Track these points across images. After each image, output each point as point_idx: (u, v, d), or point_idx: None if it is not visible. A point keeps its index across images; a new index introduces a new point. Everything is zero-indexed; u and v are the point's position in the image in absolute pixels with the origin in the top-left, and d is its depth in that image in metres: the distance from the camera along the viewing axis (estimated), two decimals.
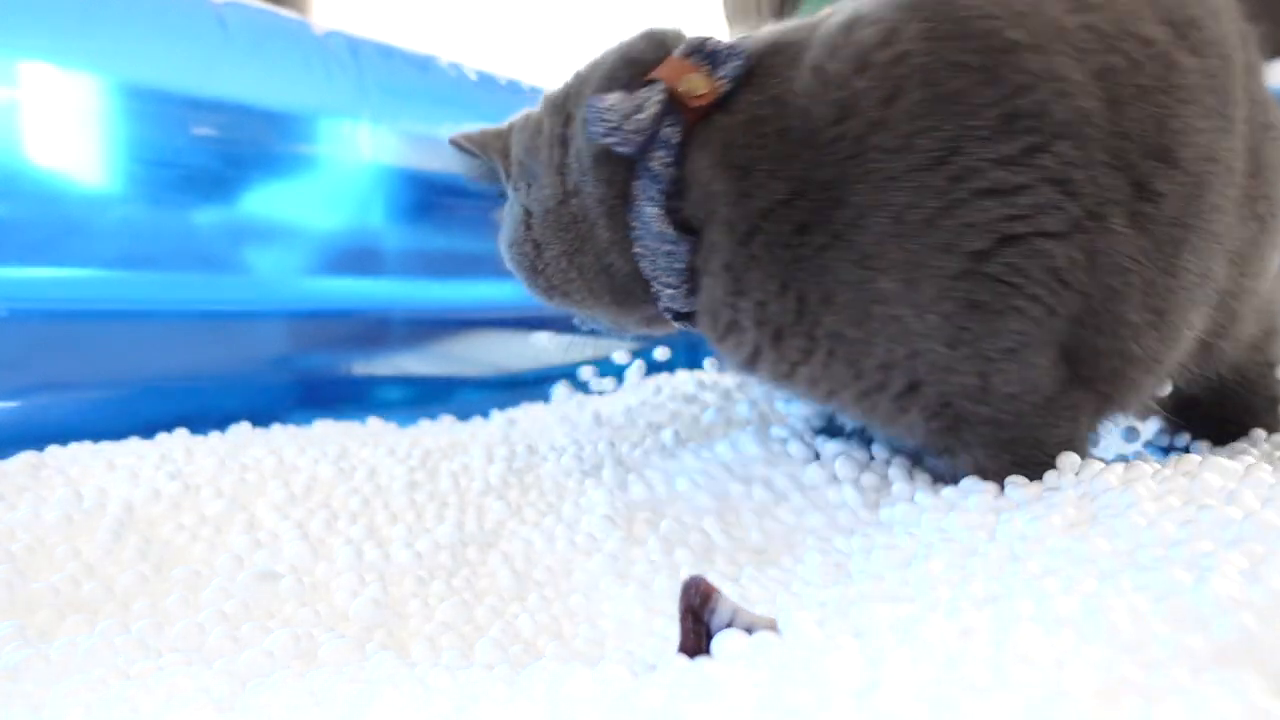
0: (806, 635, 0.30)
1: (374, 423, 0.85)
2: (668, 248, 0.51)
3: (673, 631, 0.34)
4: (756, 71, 0.50)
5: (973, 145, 0.43)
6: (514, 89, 1.18)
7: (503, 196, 0.61)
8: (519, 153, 0.58)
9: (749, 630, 0.32)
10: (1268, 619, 0.26)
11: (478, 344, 1.21)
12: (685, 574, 0.38)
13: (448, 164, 1.11)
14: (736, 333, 0.52)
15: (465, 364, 1.19)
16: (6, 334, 0.79)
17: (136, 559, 0.49)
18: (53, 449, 0.68)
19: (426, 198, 1.10)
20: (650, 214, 0.51)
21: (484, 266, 1.19)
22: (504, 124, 0.60)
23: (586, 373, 0.99)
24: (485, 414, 1.02)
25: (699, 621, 0.32)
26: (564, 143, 0.55)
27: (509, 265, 0.60)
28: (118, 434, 0.74)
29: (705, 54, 0.51)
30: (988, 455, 0.49)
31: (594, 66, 0.56)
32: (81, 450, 0.69)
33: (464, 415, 0.99)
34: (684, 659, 0.31)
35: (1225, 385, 0.58)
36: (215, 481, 0.57)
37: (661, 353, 1.05)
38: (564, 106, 0.55)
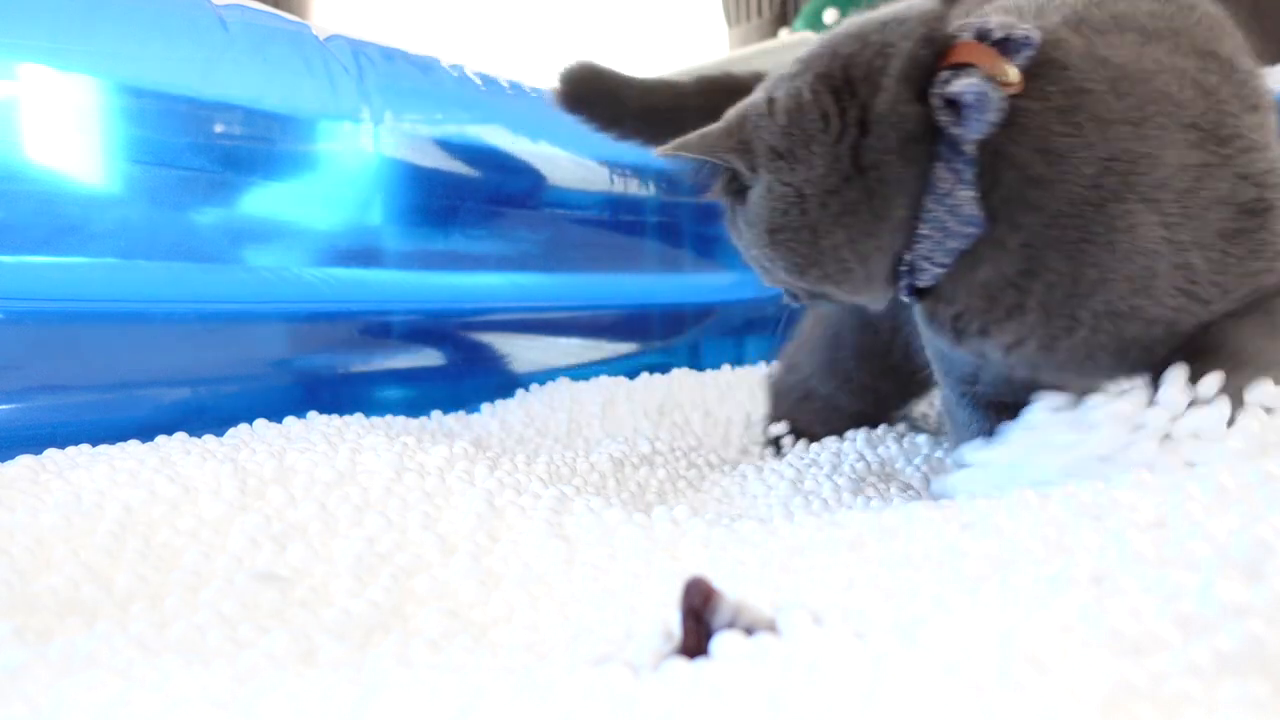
0: (806, 635, 0.30)
1: (374, 423, 0.85)
2: (969, 230, 0.54)
3: (675, 630, 0.34)
4: (1040, 61, 0.54)
5: (1231, 118, 0.55)
6: (516, 90, 1.18)
7: (735, 194, 0.61)
8: (769, 139, 0.57)
9: (749, 631, 0.31)
10: (1275, 623, 0.26)
11: (478, 344, 1.21)
12: (693, 564, 0.38)
13: (450, 165, 1.12)
14: (1015, 317, 0.56)
15: (466, 365, 1.19)
16: (6, 336, 0.79)
17: (135, 561, 0.49)
18: (51, 452, 0.68)
19: (429, 199, 1.11)
20: (965, 197, 0.53)
21: (486, 267, 1.20)
22: (727, 121, 0.59)
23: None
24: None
25: (699, 622, 0.32)
26: (860, 124, 0.55)
27: (764, 252, 0.59)
28: (117, 437, 0.74)
29: (997, 40, 0.54)
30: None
31: (878, 48, 0.55)
32: (80, 453, 0.69)
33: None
34: (684, 659, 0.31)
35: None
36: (214, 484, 0.57)
37: None
38: (849, 89, 0.55)
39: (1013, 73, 0.53)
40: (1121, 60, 0.55)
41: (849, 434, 0.86)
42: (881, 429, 0.89)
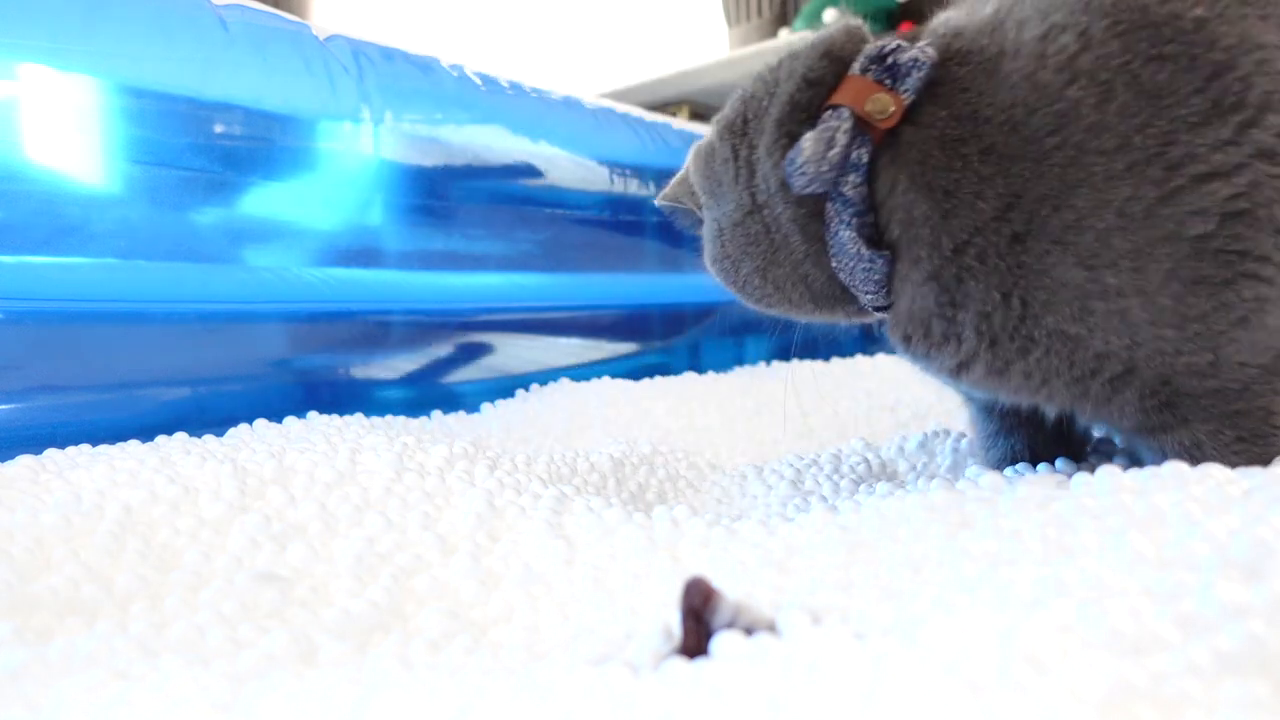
0: (806, 636, 0.30)
1: (374, 423, 0.85)
2: (865, 265, 0.52)
3: (675, 630, 0.34)
4: (941, 82, 0.50)
5: (1185, 134, 0.44)
6: (516, 90, 1.18)
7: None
8: (698, 182, 0.60)
9: (749, 631, 0.32)
10: (1275, 623, 0.26)
11: (478, 344, 1.21)
12: (693, 568, 0.38)
13: (450, 165, 1.12)
14: (952, 342, 0.52)
15: (466, 366, 1.19)
16: (5, 336, 0.79)
17: (135, 561, 0.49)
18: (51, 452, 0.68)
19: (429, 199, 1.11)
20: (845, 237, 0.52)
21: (486, 267, 1.20)
22: (683, 168, 0.63)
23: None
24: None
25: (699, 622, 0.32)
26: (750, 165, 0.55)
27: (712, 278, 0.62)
28: (117, 437, 0.74)
29: (886, 68, 0.50)
30: (1209, 431, 0.49)
31: (769, 87, 0.55)
32: (80, 453, 0.69)
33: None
34: (684, 659, 0.31)
35: None
36: (214, 484, 0.57)
37: None
38: (743, 131, 0.56)
39: (886, 104, 0.49)
40: (1021, 76, 0.47)
41: (849, 435, 0.86)
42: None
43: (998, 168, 0.47)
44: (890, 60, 0.50)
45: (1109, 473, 0.45)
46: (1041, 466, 0.58)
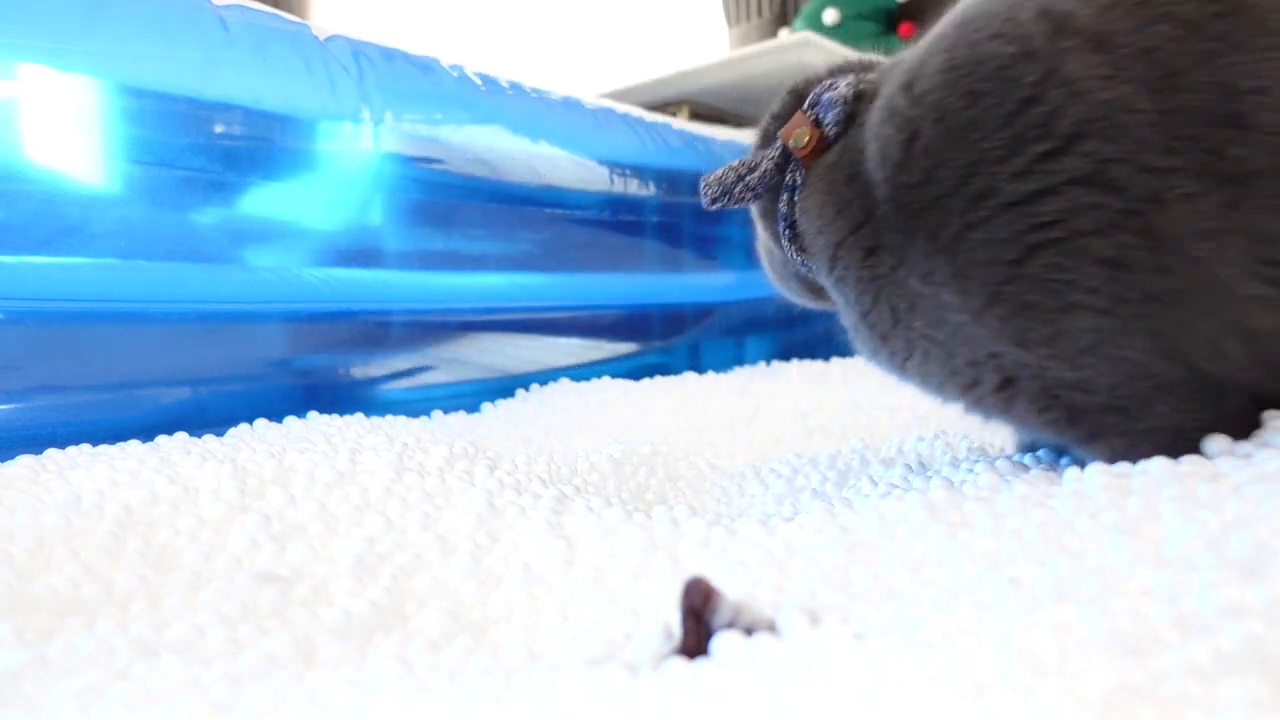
0: (806, 636, 0.30)
1: (374, 423, 0.85)
2: (805, 267, 0.60)
3: (675, 630, 0.34)
4: (855, 116, 0.55)
5: (989, 166, 0.46)
6: (516, 90, 1.18)
7: None
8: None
9: (749, 631, 0.32)
10: (1275, 623, 0.26)
11: (477, 345, 1.21)
12: (693, 569, 0.39)
13: (449, 165, 1.12)
14: (860, 334, 0.58)
15: (465, 366, 1.19)
16: (6, 336, 0.79)
17: (136, 561, 0.49)
18: (51, 452, 0.68)
19: (429, 199, 1.11)
20: (784, 245, 0.61)
21: (486, 267, 1.20)
22: None
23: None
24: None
25: (699, 622, 0.32)
26: None
27: None
28: (117, 437, 0.74)
29: (818, 105, 0.57)
30: (1126, 446, 0.47)
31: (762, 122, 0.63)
32: (80, 453, 0.69)
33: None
34: (684, 659, 0.31)
35: None
36: (214, 484, 0.57)
37: None
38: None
39: (803, 138, 0.56)
40: (873, 117, 0.52)
41: (849, 435, 0.86)
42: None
43: (857, 192, 0.53)
44: (820, 100, 0.56)
45: (1107, 470, 0.45)
46: (1028, 459, 0.58)
